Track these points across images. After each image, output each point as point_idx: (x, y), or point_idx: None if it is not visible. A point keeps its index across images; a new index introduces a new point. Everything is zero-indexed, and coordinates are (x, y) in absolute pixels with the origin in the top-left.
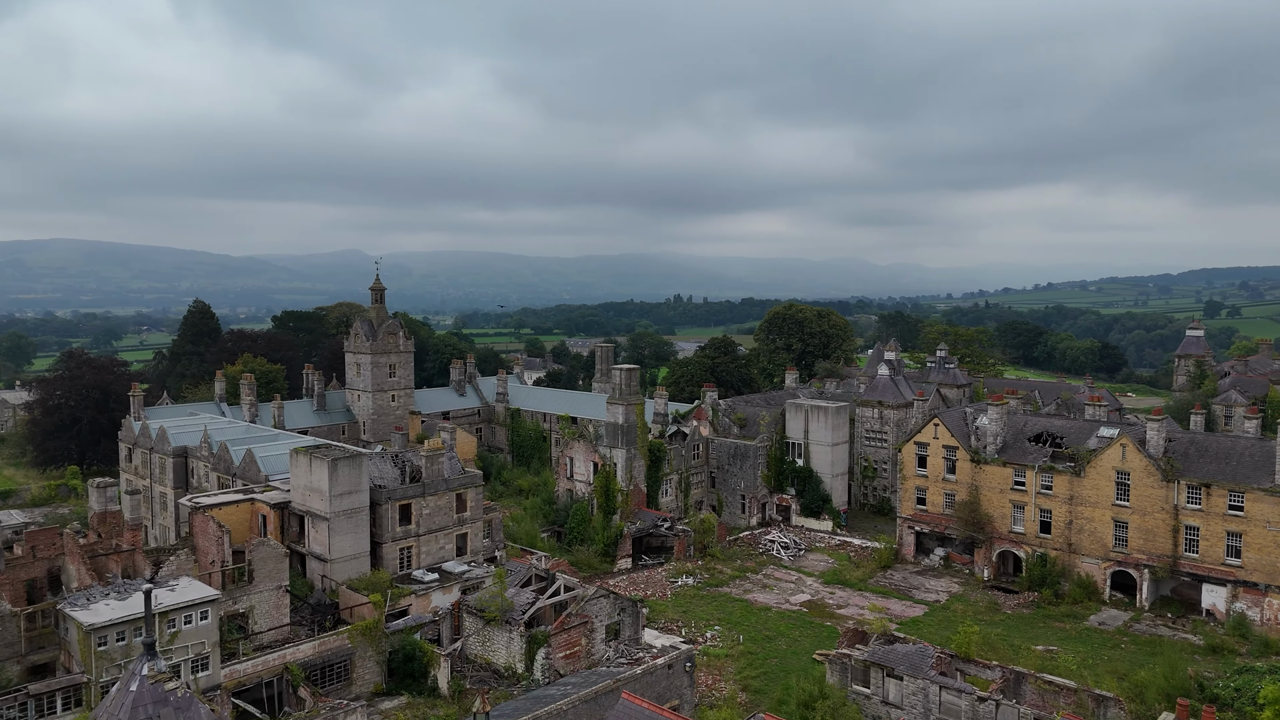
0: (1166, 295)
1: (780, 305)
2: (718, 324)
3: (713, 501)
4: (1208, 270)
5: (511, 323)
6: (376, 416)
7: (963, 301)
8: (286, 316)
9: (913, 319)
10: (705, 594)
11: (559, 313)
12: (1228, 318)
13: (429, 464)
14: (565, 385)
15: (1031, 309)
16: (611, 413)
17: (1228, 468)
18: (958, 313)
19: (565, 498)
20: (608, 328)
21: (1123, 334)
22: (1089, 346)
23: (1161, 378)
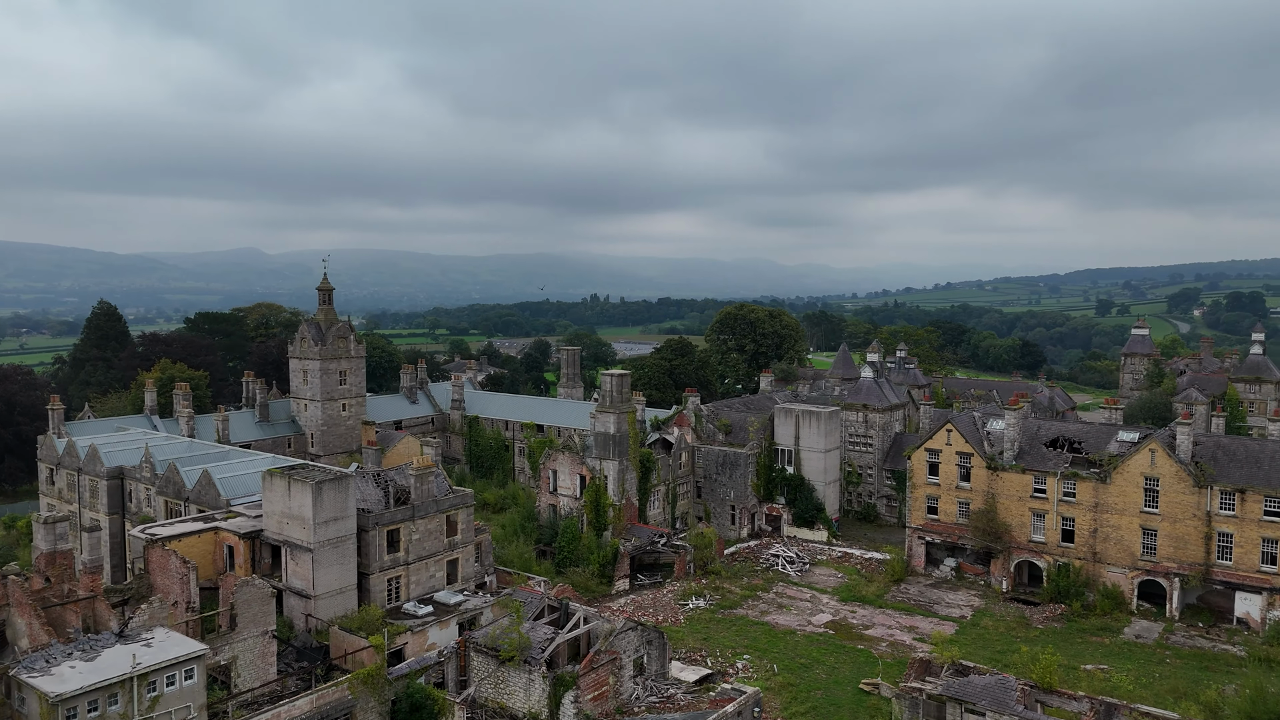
0: (1056, 294)
1: (732, 306)
2: (635, 324)
3: (699, 513)
4: (1092, 271)
5: (425, 323)
6: (326, 427)
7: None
8: (201, 318)
9: (835, 319)
10: (720, 617)
11: (473, 312)
12: (1118, 315)
13: (419, 484)
14: (508, 389)
15: (938, 308)
16: (601, 421)
17: (1260, 472)
18: (869, 312)
19: (548, 513)
20: (526, 328)
21: (1025, 331)
22: (1011, 344)
23: (1081, 374)
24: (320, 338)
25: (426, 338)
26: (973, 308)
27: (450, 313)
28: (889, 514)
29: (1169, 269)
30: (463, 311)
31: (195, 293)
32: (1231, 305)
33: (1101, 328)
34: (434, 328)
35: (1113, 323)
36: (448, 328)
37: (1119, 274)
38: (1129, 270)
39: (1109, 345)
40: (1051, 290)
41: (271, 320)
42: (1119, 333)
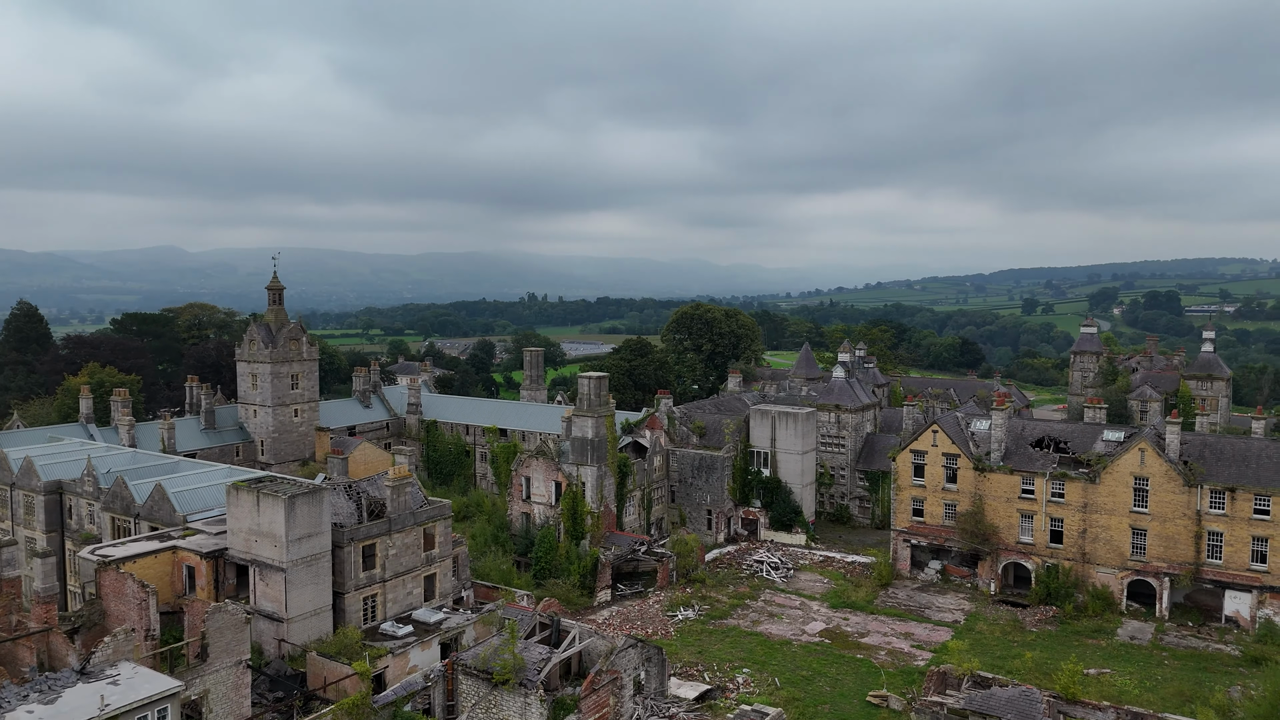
0: (983, 294)
1: (687, 305)
2: (575, 323)
3: (674, 518)
4: (1016, 270)
5: (358, 323)
6: (278, 434)
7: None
8: (129, 319)
9: (778, 318)
10: (712, 628)
11: (407, 312)
12: (1043, 314)
13: (395, 495)
14: (457, 391)
15: (872, 307)
16: (579, 425)
17: (1249, 471)
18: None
19: (521, 522)
20: (464, 327)
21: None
22: (951, 343)
23: (1018, 370)
24: (271, 340)
25: (360, 338)
26: (905, 307)
27: (383, 312)
28: (862, 515)
29: (1087, 269)
30: (396, 311)
31: (111, 292)
32: (1149, 304)
33: (1029, 326)
34: (367, 328)
35: (1039, 321)
36: (382, 328)
37: (1040, 274)
38: (1050, 270)
39: (1036, 343)
40: (977, 289)
41: (205, 321)
42: (1045, 330)
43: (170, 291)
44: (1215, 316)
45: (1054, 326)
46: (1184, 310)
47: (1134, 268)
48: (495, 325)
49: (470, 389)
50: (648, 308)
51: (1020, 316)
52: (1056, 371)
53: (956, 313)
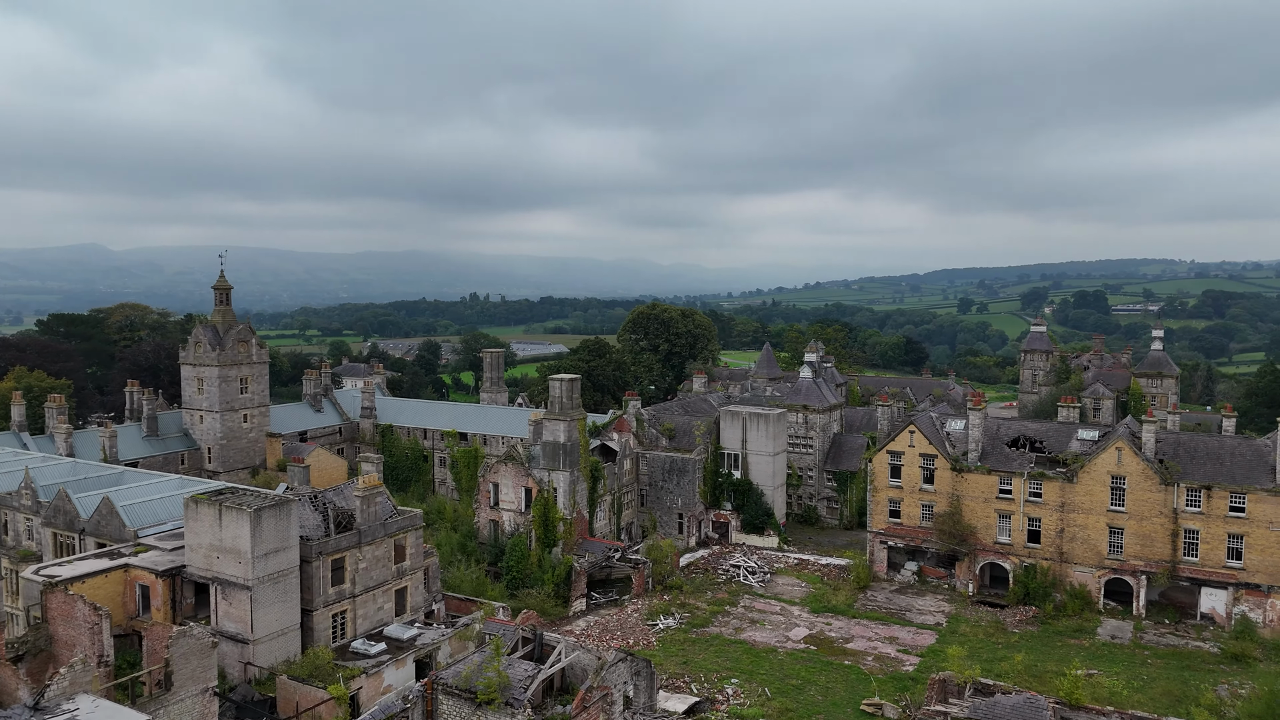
0: (918, 293)
1: (644, 305)
2: (518, 323)
3: (644, 522)
4: (949, 271)
5: (294, 323)
6: (226, 441)
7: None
8: (55, 320)
9: (725, 318)
10: (695, 637)
11: (345, 312)
12: (977, 313)
13: (365, 505)
14: (407, 393)
15: (813, 306)
16: (550, 429)
17: (1224, 469)
18: (748, 310)
19: (489, 530)
20: (405, 328)
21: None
22: (896, 342)
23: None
24: (218, 342)
25: (298, 339)
26: (846, 306)
27: (320, 313)
28: (830, 516)
29: (1017, 269)
30: (333, 311)
31: (30, 292)
32: (1078, 303)
33: (965, 324)
34: (304, 328)
35: (974, 320)
36: (319, 328)
37: (973, 274)
38: (982, 270)
39: (973, 341)
40: (913, 289)
41: (137, 322)
42: (981, 329)
43: (93, 291)
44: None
45: (989, 325)
46: (1111, 309)
47: (1061, 268)
48: (437, 325)
49: (420, 391)
50: (592, 307)
51: (956, 315)
52: (998, 369)
53: (895, 312)
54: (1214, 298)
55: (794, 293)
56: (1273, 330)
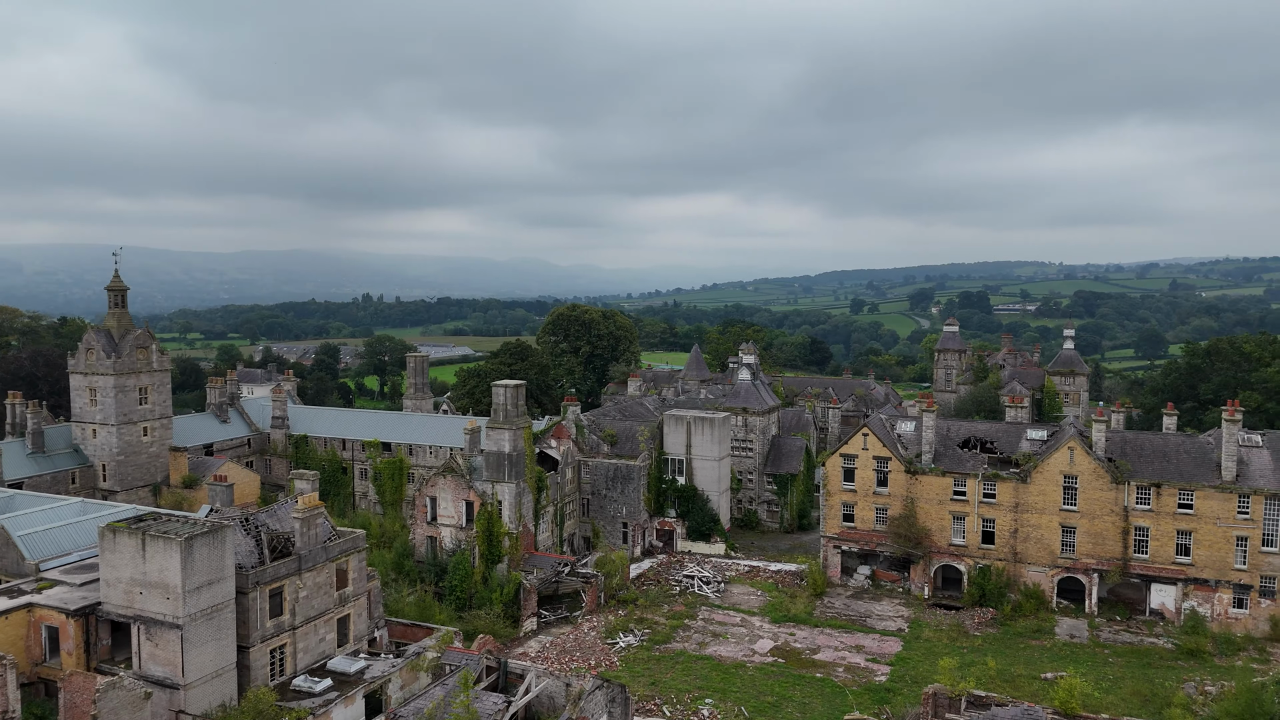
0: (810, 294)
1: (564, 306)
2: (415, 324)
3: (586, 533)
4: (839, 272)
5: (174, 326)
6: (124, 457)
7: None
8: None
9: (632, 319)
10: (658, 654)
11: (228, 314)
12: (869, 313)
13: (305, 528)
14: (312, 400)
15: (714, 307)
16: (494, 439)
17: (1171, 466)
18: (650, 311)
19: (427, 547)
20: (295, 330)
21: (792, 329)
22: (801, 342)
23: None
24: (114, 349)
25: (179, 343)
26: (744, 307)
27: (201, 315)
28: (770, 520)
29: (903, 270)
30: (215, 313)
31: None
32: (963, 303)
33: (858, 324)
34: (185, 332)
35: (867, 319)
36: (201, 331)
37: (862, 275)
38: (870, 272)
39: (866, 340)
40: (805, 290)
41: (6, 327)
42: (874, 329)
43: None
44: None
45: (881, 325)
46: (993, 309)
47: (944, 269)
48: (330, 327)
49: (325, 398)
50: (492, 308)
51: (850, 316)
52: (900, 368)
53: (792, 312)
54: (1085, 298)
55: (692, 294)
56: (1139, 328)
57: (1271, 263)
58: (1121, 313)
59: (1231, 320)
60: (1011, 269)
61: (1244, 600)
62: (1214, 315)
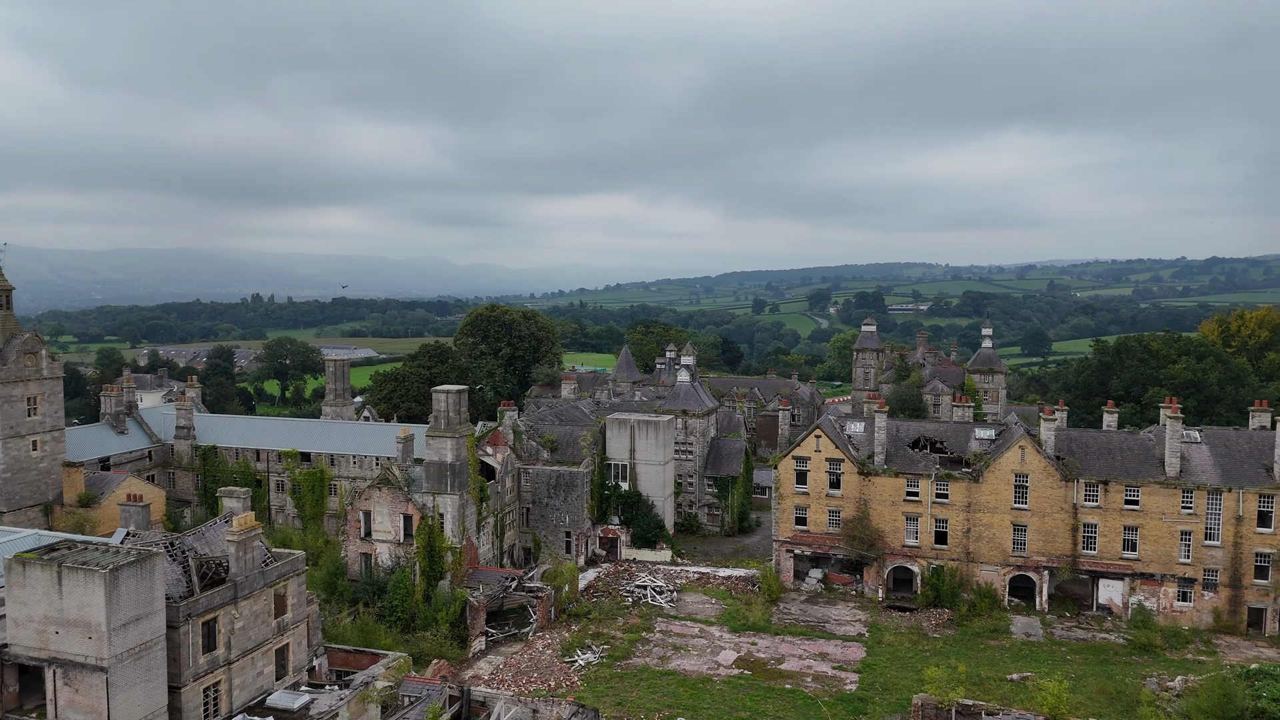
0: (712, 295)
1: (483, 306)
2: (309, 325)
3: (527, 544)
4: (739, 274)
5: (44, 329)
6: (10, 474)
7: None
8: None
9: None
10: (619, 671)
11: (104, 315)
12: (770, 313)
13: (240, 552)
14: (212, 408)
15: (620, 308)
16: (436, 448)
17: (1117, 463)
18: (556, 311)
19: (361, 565)
20: (179, 332)
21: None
22: (713, 341)
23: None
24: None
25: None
26: (650, 307)
27: (73, 316)
28: (711, 523)
29: (800, 272)
30: (89, 315)
31: None
32: (859, 303)
33: (761, 324)
34: (56, 334)
35: (769, 319)
36: (74, 334)
37: (761, 276)
38: (769, 273)
39: (769, 340)
40: (707, 291)
41: None
42: (776, 328)
43: None
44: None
45: (783, 325)
46: (887, 309)
47: (838, 271)
48: (218, 329)
49: (227, 404)
50: (391, 308)
51: (753, 316)
52: (808, 367)
53: (697, 313)
54: (973, 298)
55: (596, 294)
56: (1023, 327)
57: (1138, 264)
58: (1007, 312)
59: (1106, 319)
60: (901, 270)
61: (1188, 593)
62: (1090, 314)
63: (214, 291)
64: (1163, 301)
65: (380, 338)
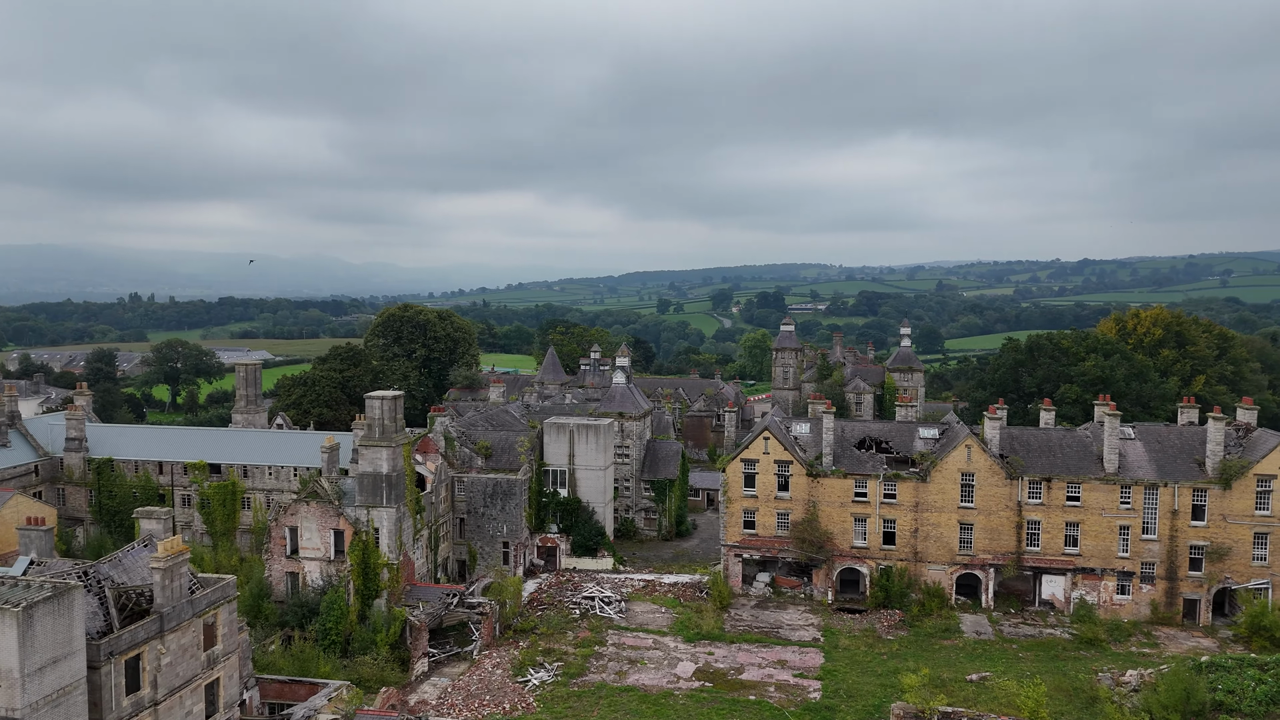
0: (615, 294)
1: (395, 306)
2: (193, 326)
3: (462, 556)
4: (642, 273)
5: None
6: None
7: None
8: None
9: None
10: (576, 690)
11: None
12: (674, 313)
13: (167, 580)
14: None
15: (525, 307)
16: (370, 458)
17: (1058, 460)
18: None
19: (287, 584)
20: (50, 334)
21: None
22: (627, 341)
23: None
24: None
25: None
26: (555, 306)
27: None
28: (648, 528)
29: (701, 272)
30: None
31: None
32: (761, 303)
33: (667, 324)
34: None
35: (674, 319)
36: None
37: (664, 276)
38: (671, 273)
39: (675, 340)
40: (610, 290)
41: None
42: (681, 328)
43: None
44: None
45: (688, 324)
46: (788, 309)
47: (737, 271)
48: (93, 331)
49: (115, 413)
50: (282, 308)
51: (658, 316)
52: (720, 366)
53: (603, 312)
54: (868, 298)
55: (498, 293)
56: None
57: (1017, 265)
58: (900, 311)
59: (993, 318)
60: (798, 270)
61: (1127, 587)
62: (978, 313)
63: (85, 291)
64: (1042, 301)
65: (274, 339)
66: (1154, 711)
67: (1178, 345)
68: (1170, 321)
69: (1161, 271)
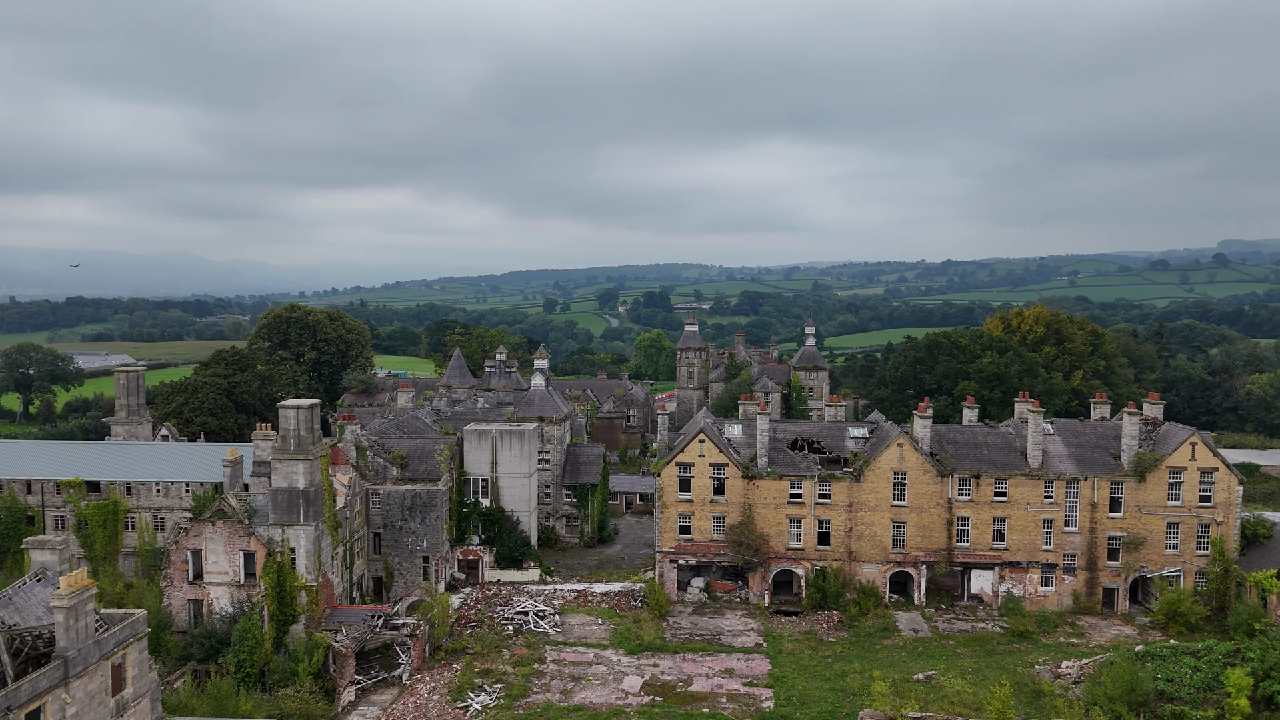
0: (498, 293)
1: (281, 307)
2: (38, 328)
3: (378, 573)
4: (525, 272)
5: None
6: None
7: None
8: None
9: None
10: (522, 713)
11: None
12: (561, 313)
13: (71, 619)
14: None
15: (405, 306)
16: (285, 472)
17: (984, 458)
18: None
19: (189, 613)
20: None
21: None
22: (519, 341)
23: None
24: None
25: None
26: (438, 306)
27: None
28: (570, 535)
29: (585, 271)
30: None
31: None
32: (647, 303)
33: (555, 323)
34: None
35: (562, 319)
36: None
37: (548, 275)
38: (555, 272)
39: (563, 339)
40: (493, 289)
41: None
42: (570, 327)
43: None
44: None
45: (576, 324)
46: (673, 308)
47: (621, 271)
48: None
49: None
50: (140, 309)
51: (545, 315)
52: (616, 366)
53: (488, 312)
54: (750, 297)
55: (375, 292)
56: (795, 324)
57: (886, 266)
58: (780, 310)
59: (867, 317)
60: (680, 270)
61: (1050, 578)
62: (854, 312)
63: None
64: (911, 300)
65: (133, 342)
66: (1100, 703)
67: (1057, 342)
68: (1050, 320)
69: (1016, 272)
